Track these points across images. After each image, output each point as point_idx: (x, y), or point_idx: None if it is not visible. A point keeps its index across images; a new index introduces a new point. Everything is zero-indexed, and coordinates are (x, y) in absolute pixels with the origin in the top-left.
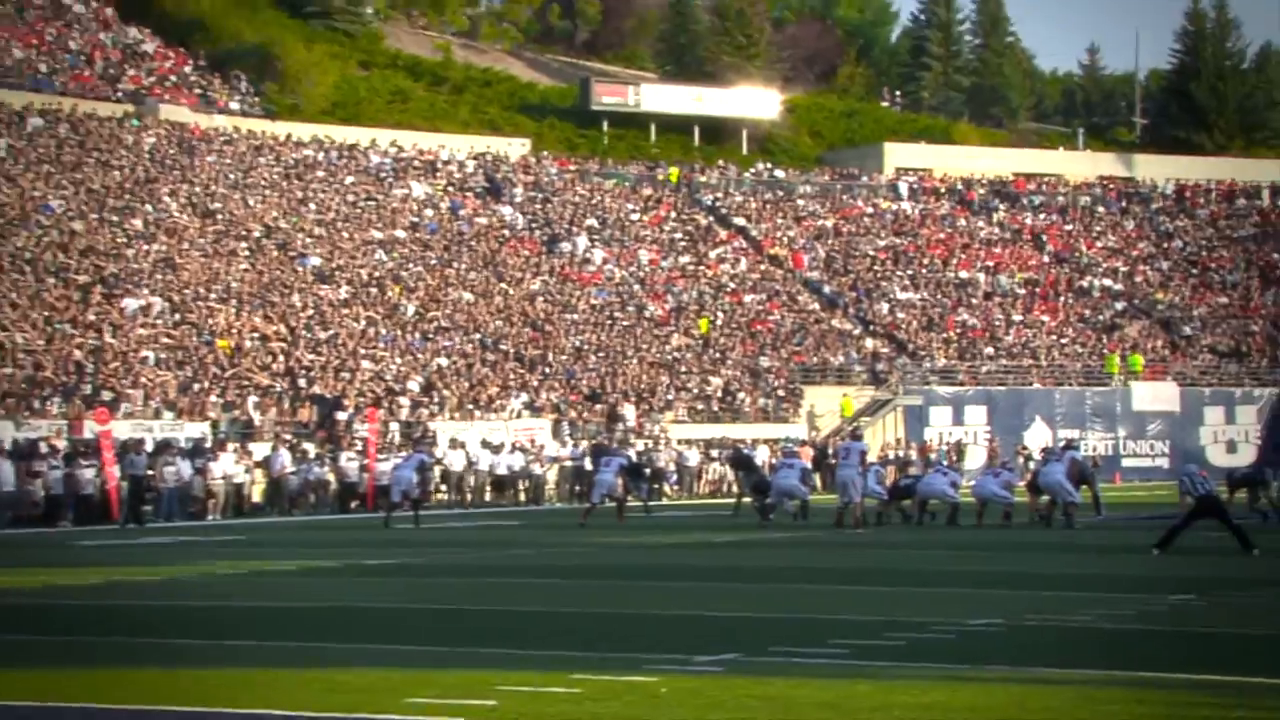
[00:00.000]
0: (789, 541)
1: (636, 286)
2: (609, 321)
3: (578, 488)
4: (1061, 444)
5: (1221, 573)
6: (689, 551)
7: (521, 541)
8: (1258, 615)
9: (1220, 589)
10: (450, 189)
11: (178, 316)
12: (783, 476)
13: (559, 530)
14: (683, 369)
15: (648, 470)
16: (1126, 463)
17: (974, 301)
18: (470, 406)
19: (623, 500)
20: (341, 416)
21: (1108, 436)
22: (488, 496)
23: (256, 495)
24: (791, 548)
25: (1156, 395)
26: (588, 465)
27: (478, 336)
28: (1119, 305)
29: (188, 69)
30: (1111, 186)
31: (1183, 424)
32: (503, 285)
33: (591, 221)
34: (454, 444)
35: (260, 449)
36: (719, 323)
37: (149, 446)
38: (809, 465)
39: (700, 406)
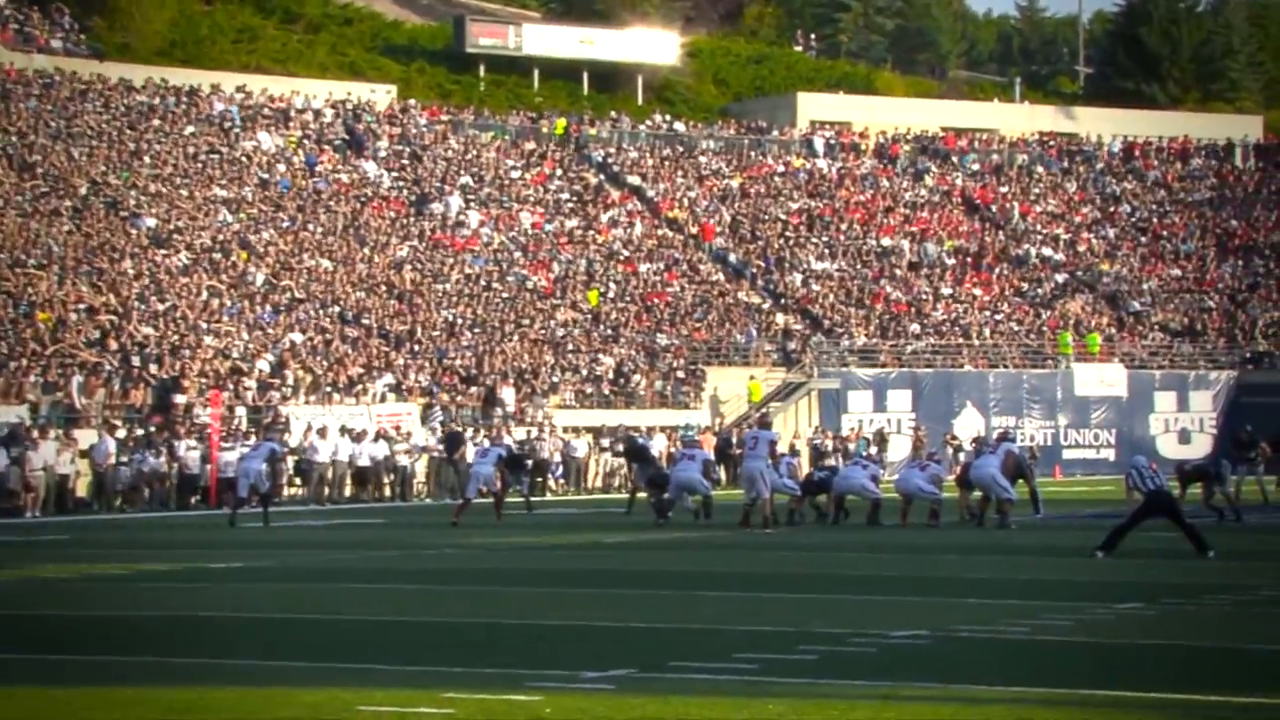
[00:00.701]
0: (689, 543)
1: (517, 254)
2: (486, 293)
3: (452, 482)
4: (995, 433)
5: (1172, 578)
6: (576, 554)
7: (386, 542)
8: (1212, 626)
9: (1171, 596)
10: (305, 142)
11: None
12: (682, 469)
13: (429, 530)
14: (569, 347)
15: (529, 462)
16: (1068, 454)
17: (898, 273)
18: (328, 389)
19: (501, 496)
20: (180, 400)
21: (1047, 425)
22: (347, 491)
23: (82, 489)
24: (692, 549)
25: (1102, 378)
26: (463, 455)
27: (336, 309)
28: (1060, 277)
29: (1, 1)
30: (1052, 144)
31: (1130, 411)
32: (365, 251)
33: (466, 180)
34: (313, 432)
35: (86, 436)
36: (610, 295)
37: None
38: (711, 456)
39: (589, 390)
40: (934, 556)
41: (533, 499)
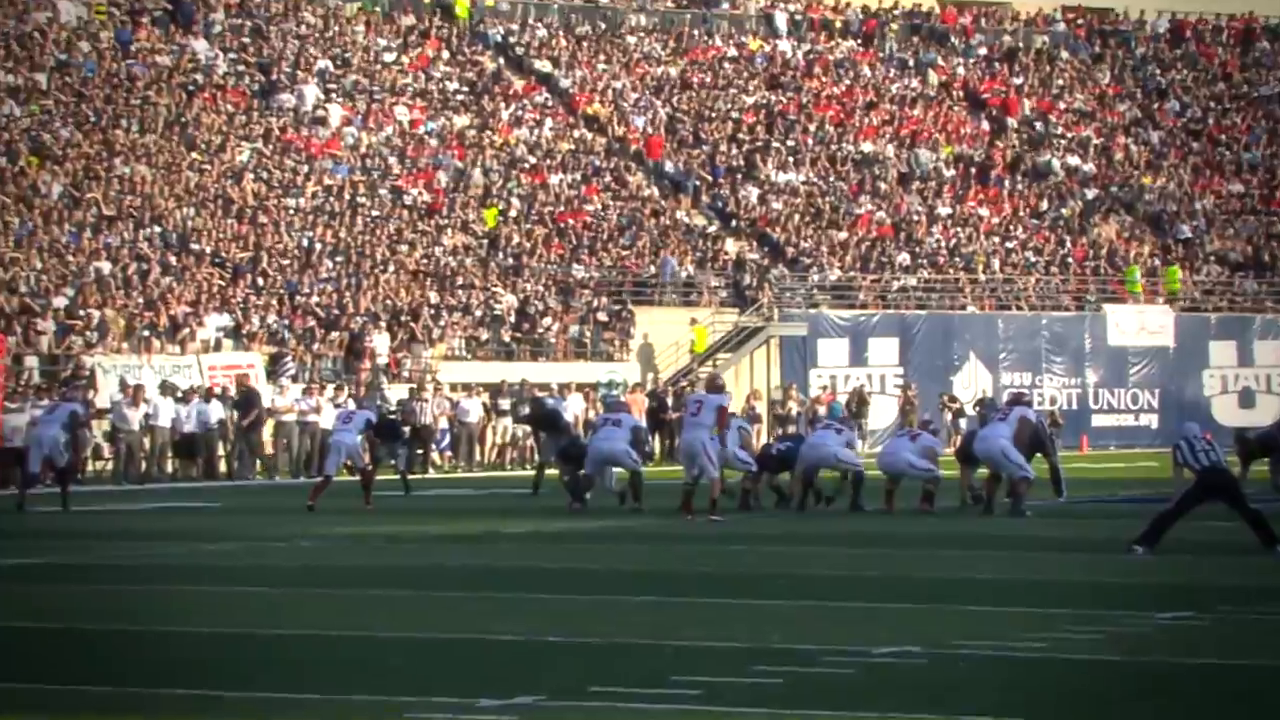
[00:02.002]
0: (613, 533)
1: (391, 160)
2: (350, 211)
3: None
4: (1007, 394)
5: (1230, 580)
6: (469, 547)
7: (223, 532)
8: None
9: (1229, 603)
10: (116, 12)
11: None
12: (603, 439)
13: (277, 516)
14: (459, 281)
15: (406, 429)
16: (1098, 420)
17: (882, 188)
18: (145, 333)
19: (370, 473)
20: None
21: (1072, 383)
22: (170, 466)
23: None
24: (617, 542)
25: (1142, 324)
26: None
27: (157, 230)
28: (1089, 194)
29: None
30: (1080, 22)
31: (1179, 365)
32: (194, 156)
33: (325, 64)
34: (127, 389)
35: None
36: (512, 214)
37: None
38: (642, 423)
39: (484, 336)
40: (928, 551)
41: (411, 476)
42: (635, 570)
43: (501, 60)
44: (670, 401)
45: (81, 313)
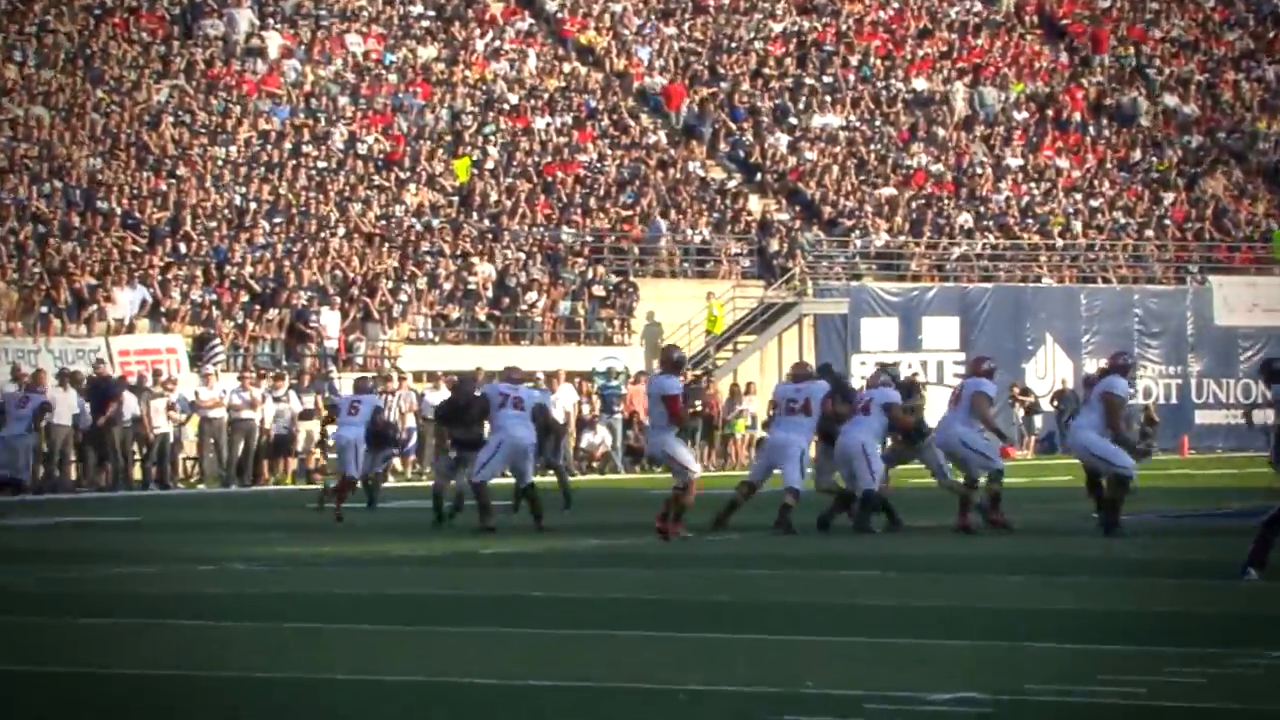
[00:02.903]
0: (610, 554)
1: (343, 100)
2: (293, 162)
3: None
4: (1098, 364)
5: None
6: (434, 572)
7: (143, 553)
8: None
9: None
10: None
11: None
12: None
13: (207, 533)
14: (425, 248)
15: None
16: (1202, 418)
17: (940, 134)
18: (43, 311)
19: (351, 481)
20: None
21: (1171, 373)
22: (72, 471)
23: None
24: (616, 565)
25: (1255, 300)
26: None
27: (57, 185)
28: (1191, 142)
29: None
30: None
31: None
32: (100, 94)
33: None
34: (20, 379)
35: None
36: (490, 167)
37: None
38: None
39: (456, 315)
40: (995, 577)
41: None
42: (637, 599)
43: None
44: (697, 396)
45: None
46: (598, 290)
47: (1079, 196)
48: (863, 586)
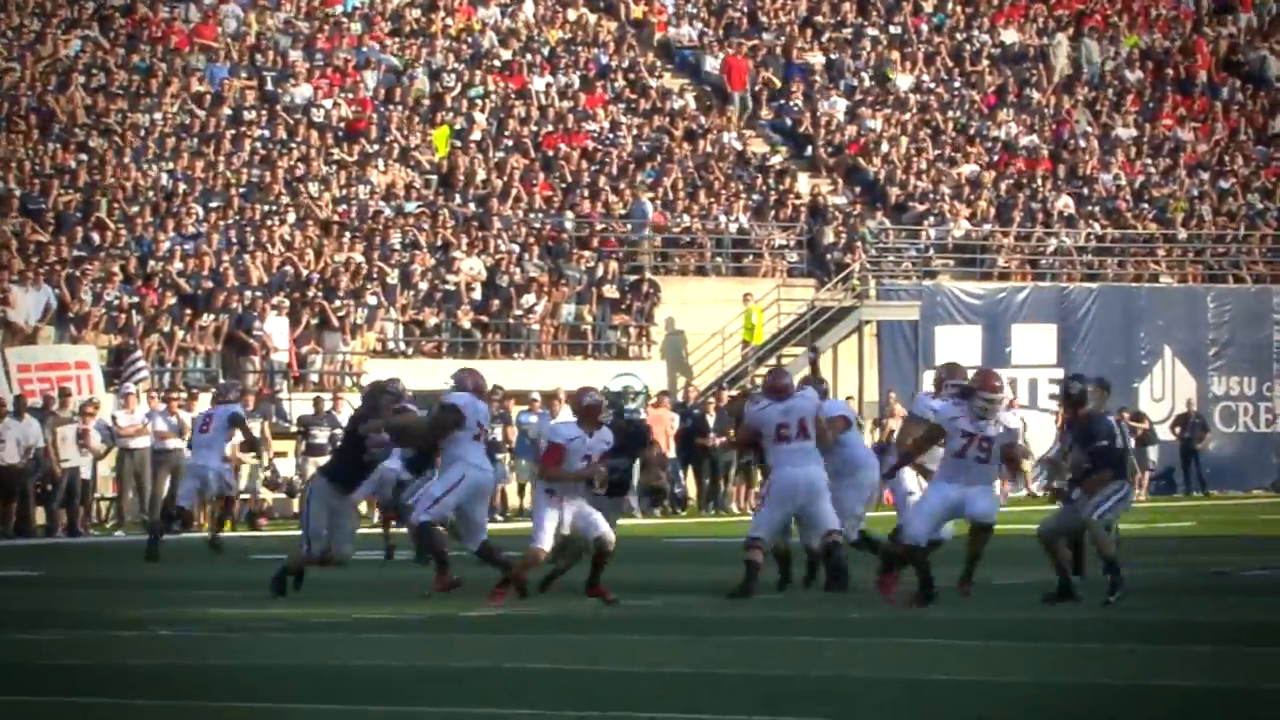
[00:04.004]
0: (618, 619)
1: (295, 55)
2: (232, 131)
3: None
4: None
5: None
6: (410, 639)
7: (49, 614)
8: None
9: None
10: None
11: None
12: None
13: (123, 591)
14: (395, 240)
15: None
16: None
17: (1033, 98)
18: None
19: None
20: None
21: None
22: None
23: None
24: (621, 631)
25: None
26: None
27: None
28: None
29: None
30: None
31: None
32: None
33: None
34: None
35: None
36: (475, 138)
37: None
38: (661, 450)
39: (434, 321)
40: (1100, 645)
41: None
42: (656, 672)
43: None
44: (708, 419)
45: None
46: (609, 291)
47: (1206, 176)
48: (929, 657)
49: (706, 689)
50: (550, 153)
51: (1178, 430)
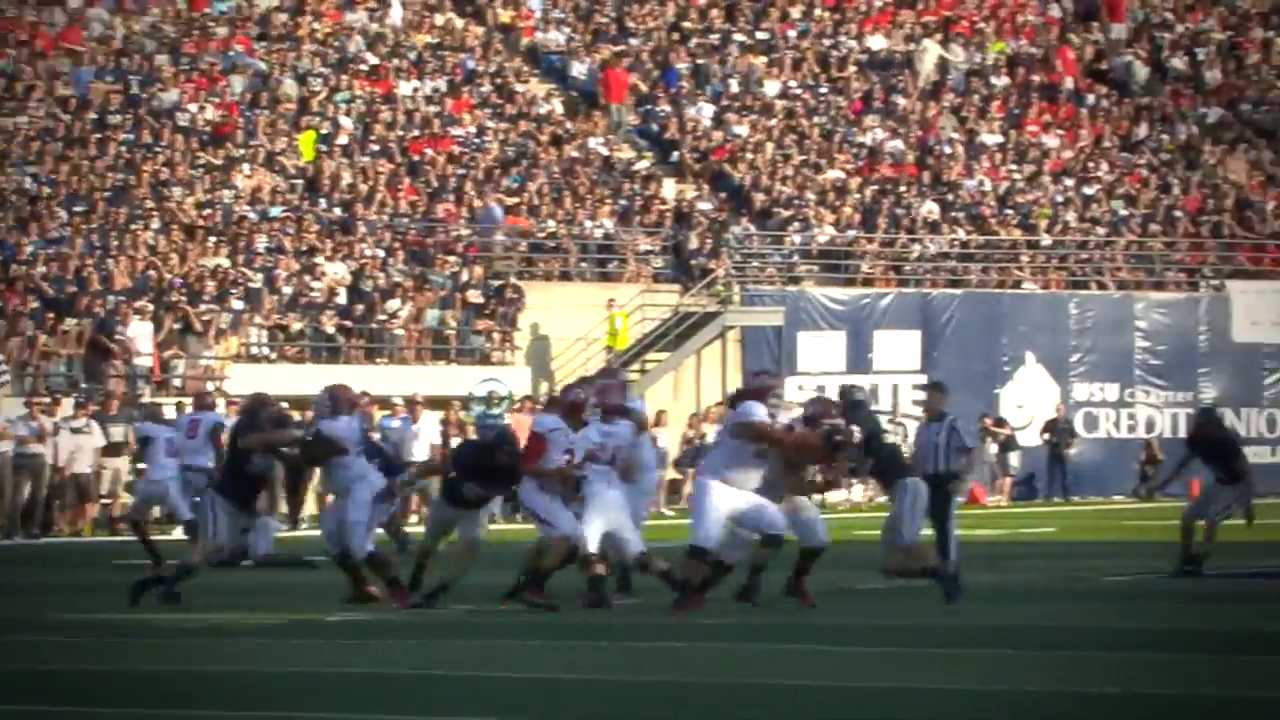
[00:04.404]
0: (557, 625)
1: (160, 59)
2: (97, 135)
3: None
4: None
5: None
6: (321, 644)
7: None
8: None
9: None
10: None
11: None
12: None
13: None
14: (260, 244)
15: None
16: None
17: (899, 104)
18: None
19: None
20: None
21: (1179, 400)
22: None
23: None
24: (554, 637)
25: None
26: None
27: None
28: (1209, 114)
29: None
30: None
31: None
32: None
33: None
34: None
35: None
36: (341, 142)
37: None
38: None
39: (297, 326)
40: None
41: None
42: (616, 678)
43: None
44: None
45: None
46: (474, 297)
47: (1070, 183)
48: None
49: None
50: (416, 158)
51: (1046, 435)
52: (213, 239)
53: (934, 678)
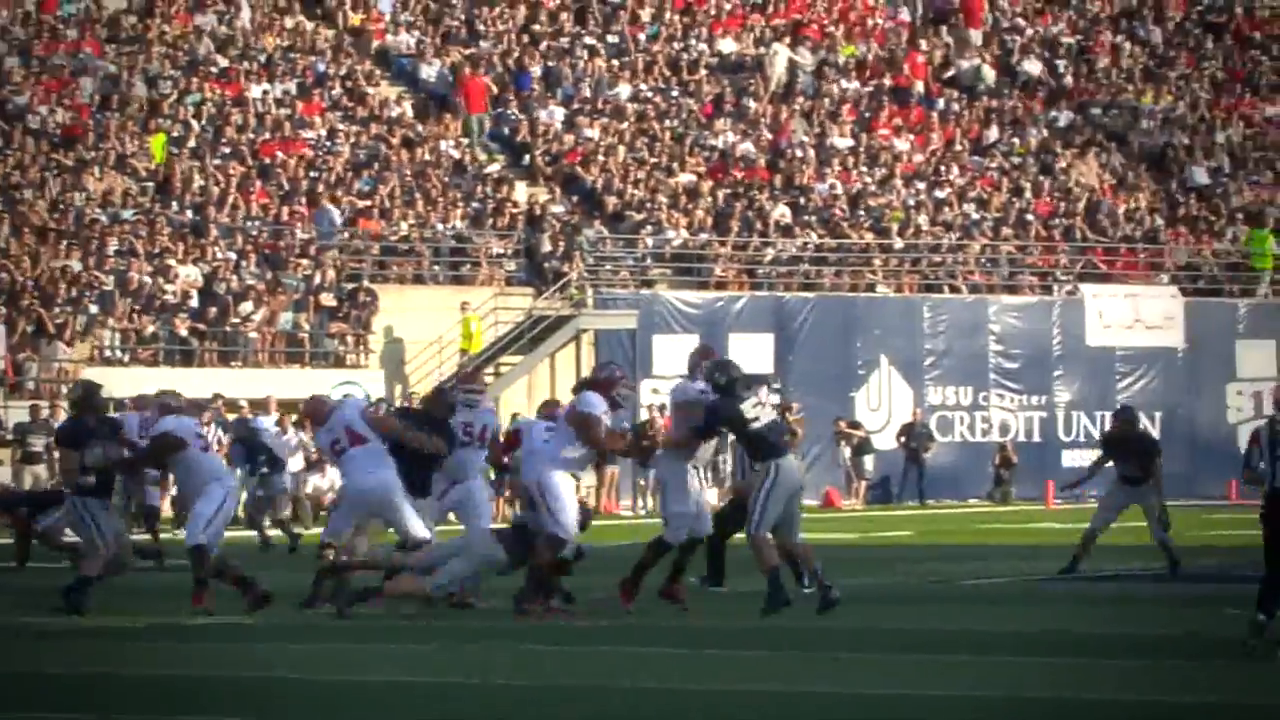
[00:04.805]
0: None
1: (11, 62)
2: None
3: None
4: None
5: None
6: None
7: None
8: None
9: None
10: None
11: None
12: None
13: None
14: (112, 246)
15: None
16: (1071, 459)
17: (751, 107)
18: None
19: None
20: None
21: (1033, 404)
22: None
23: None
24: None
25: (1137, 314)
26: None
27: None
28: (1060, 118)
29: None
30: None
31: (1190, 376)
32: None
33: None
34: None
35: None
36: (192, 145)
37: None
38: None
39: (150, 329)
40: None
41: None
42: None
43: None
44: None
45: None
46: (327, 299)
47: (922, 186)
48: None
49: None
50: (268, 160)
51: (903, 439)
52: (64, 241)
53: (830, 681)
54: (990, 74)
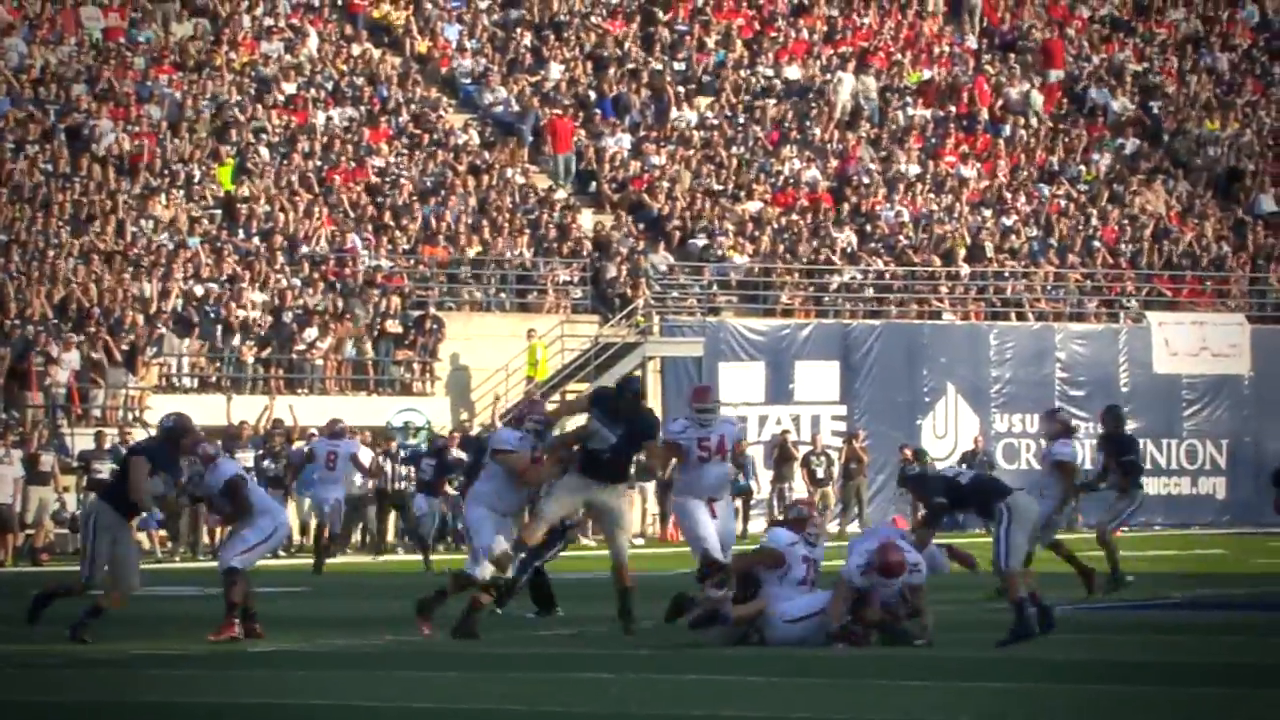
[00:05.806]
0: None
1: (77, 89)
2: (10, 164)
3: None
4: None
5: None
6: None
7: None
8: None
9: None
10: None
11: None
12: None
13: None
14: (178, 273)
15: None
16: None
17: (816, 134)
18: None
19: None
20: None
21: (1097, 431)
22: None
23: None
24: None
25: (1204, 342)
26: None
27: None
28: (1126, 145)
29: None
30: None
31: (1258, 404)
32: None
33: None
34: None
35: None
36: (258, 173)
37: None
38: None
39: (220, 355)
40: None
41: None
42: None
43: None
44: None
45: None
46: (393, 327)
47: (988, 213)
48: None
49: None
50: (333, 186)
51: (963, 466)
52: (131, 268)
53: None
54: (1039, 100)
